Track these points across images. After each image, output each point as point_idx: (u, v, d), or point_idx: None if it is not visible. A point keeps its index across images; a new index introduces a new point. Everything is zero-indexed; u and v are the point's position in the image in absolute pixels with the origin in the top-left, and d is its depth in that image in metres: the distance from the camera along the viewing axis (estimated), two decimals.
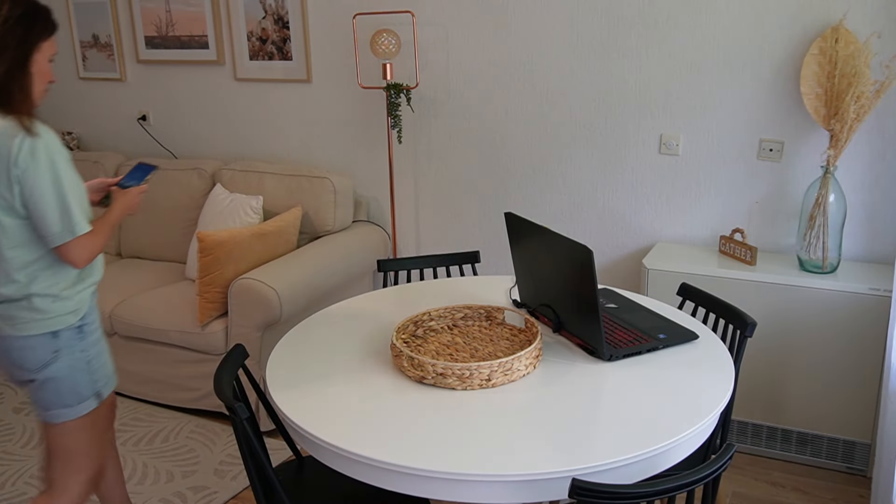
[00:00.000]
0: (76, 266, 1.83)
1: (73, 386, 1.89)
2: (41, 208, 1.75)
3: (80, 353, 1.90)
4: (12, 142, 1.72)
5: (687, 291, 2.26)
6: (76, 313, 1.89)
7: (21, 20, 1.75)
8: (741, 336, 1.99)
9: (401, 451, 1.48)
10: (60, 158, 1.77)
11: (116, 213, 1.95)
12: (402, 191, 3.61)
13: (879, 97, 2.51)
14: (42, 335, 1.84)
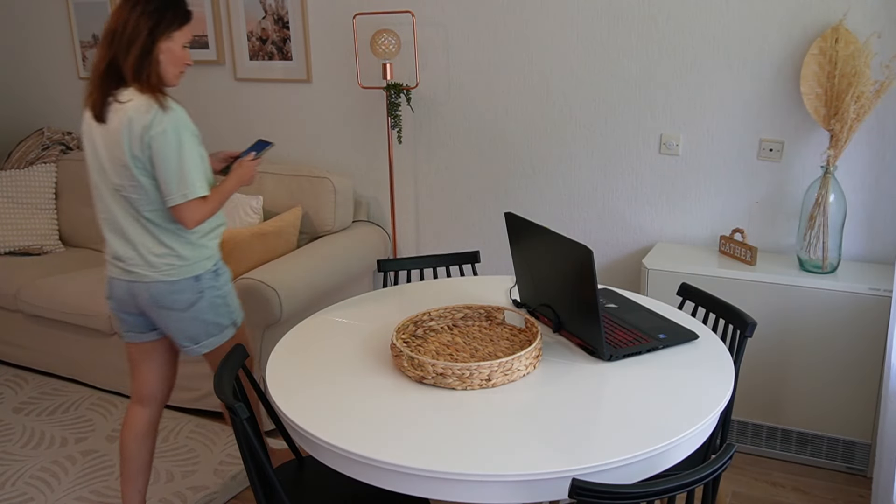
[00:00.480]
0: (186, 226, 2.09)
1: (216, 319, 2.23)
2: (163, 172, 2.03)
3: (217, 292, 2.22)
4: (148, 114, 2.01)
5: (687, 291, 2.26)
6: (211, 258, 2.21)
7: (153, 13, 2.06)
8: (741, 336, 1.99)
9: (401, 451, 1.48)
10: (185, 131, 2.04)
11: (231, 183, 2.20)
12: (402, 191, 3.61)
13: (879, 97, 2.51)
14: (187, 279, 2.16)
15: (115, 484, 2.73)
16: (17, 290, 3.49)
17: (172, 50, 2.10)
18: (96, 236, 3.98)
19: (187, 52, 2.14)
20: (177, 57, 2.12)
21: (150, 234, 2.12)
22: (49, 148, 4.12)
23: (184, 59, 2.14)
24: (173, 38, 2.10)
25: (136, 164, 2.04)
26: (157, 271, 2.14)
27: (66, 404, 3.31)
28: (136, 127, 2.01)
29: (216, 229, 2.24)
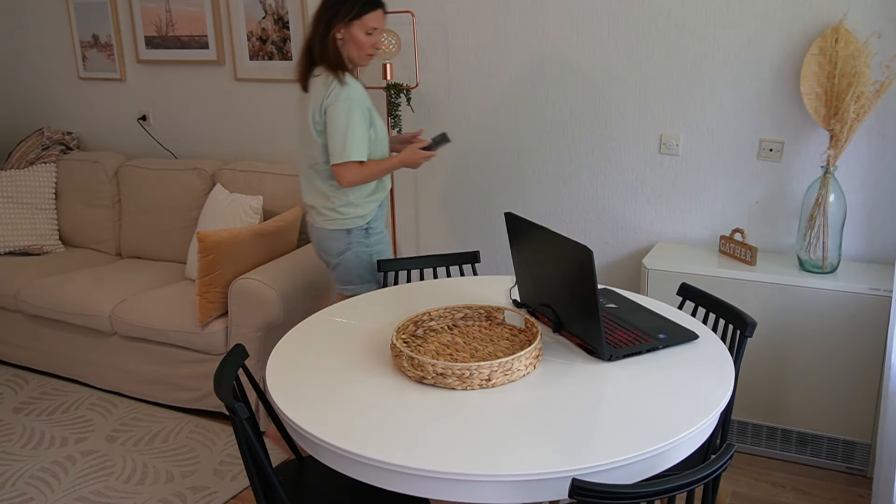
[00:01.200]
0: (341, 184, 2.47)
1: (359, 271, 2.61)
2: (331, 136, 2.43)
3: (365, 248, 2.59)
4: (327, 87, 2.43)
5: (687, 291, 2.26)
6: (364, 218, 2.57)
7: (332, 5, 2.41)
8: (741, 336, 1.99)
9: (401, 451, 1.48)
10: (356, 105, 2.41)
11: (395, 161, 2.52)
12: (403, 191, 3.61)
13: (879, 97, 2.51)
14: (339, 230, 2.57)
15: (115, 484, 2.73)
16: (17, 290, 3.49)
17: (353, 35, 2.43)
18: (96, 236, 3.99)
19: (371, 38, 2.45)
20: (358, 42, 2.44)
21: (322, 186, 2.54)
22: (49, 148, 4.12)
23: (365, 45, 2.45)
24: (352, 27, 2.42)
25: (315, 126, 2.47)
26: (322, 219, 2.58)
27: (66, 404, 3.32)
28: (318, 96, 2.45)
29: (375, 195, 2.58)
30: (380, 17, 2.46)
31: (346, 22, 2.42)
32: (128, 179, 3.88)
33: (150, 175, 3.82)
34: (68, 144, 4.21)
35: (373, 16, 2.43)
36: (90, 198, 3.97)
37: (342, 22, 2.41)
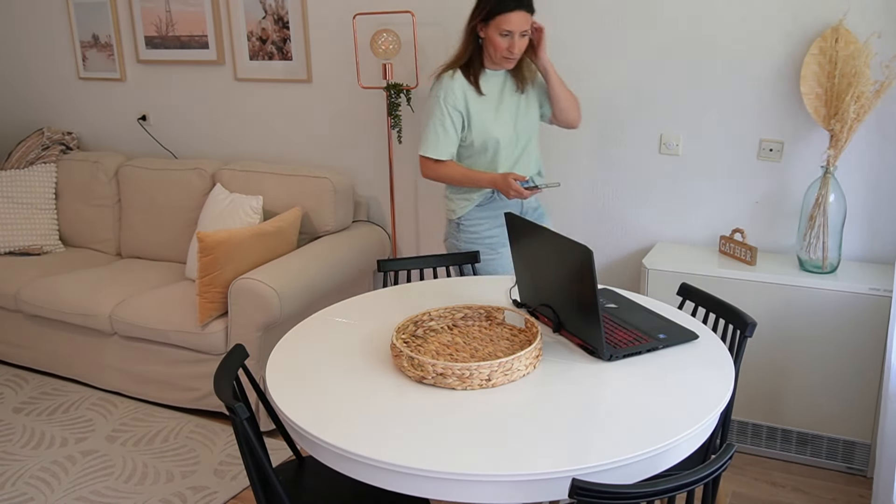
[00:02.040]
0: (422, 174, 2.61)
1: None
2: (422, 124, 2.58)
3: (454, 242, 2.71)
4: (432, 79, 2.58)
5: (687, 291, 2.26)
6: (454, 213, 2.67)
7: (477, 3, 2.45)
8: (741, 336, 1.99)
9: (401, 451, 1.48)
10: (442, 102, 2.49)
11: (485, 179, 2.55)
12: (402, 191, 3.61)
13: (879, 97, 2.51)
14: (448, 219, 2.74)
15: (115, 484, 2.73)
16: (17, 290, 3.49)
17: (489, 36, 2.44)
18: (96, 236, 3.99)
19: (505, 40, 2.41)
20: (493, 43, 2.43)
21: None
22: (49, 148, 4.12)
23: (499, 46, 2.43)
24: (489, 26, 2.42)
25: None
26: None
27: (66, 404, 3.32)
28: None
29: (466, 194, 2.63)
30: (512, 19, 2.37)
31: (480, 20, 2.42)
32: (128, 179, 3.88)
33: (150, 175, 3.82)
34: (68, 144, 4.21)
35: (505, 18, 2.37)
36: (90, 198, 3.97)
37: (477, 19, 2.43)
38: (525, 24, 2.40)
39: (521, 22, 2.38)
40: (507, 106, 2.57)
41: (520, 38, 2.42)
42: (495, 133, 2.53)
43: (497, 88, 2.56)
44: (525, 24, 2.40)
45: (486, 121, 2.53)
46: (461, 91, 2.50)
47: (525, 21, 2.40)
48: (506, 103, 2.56)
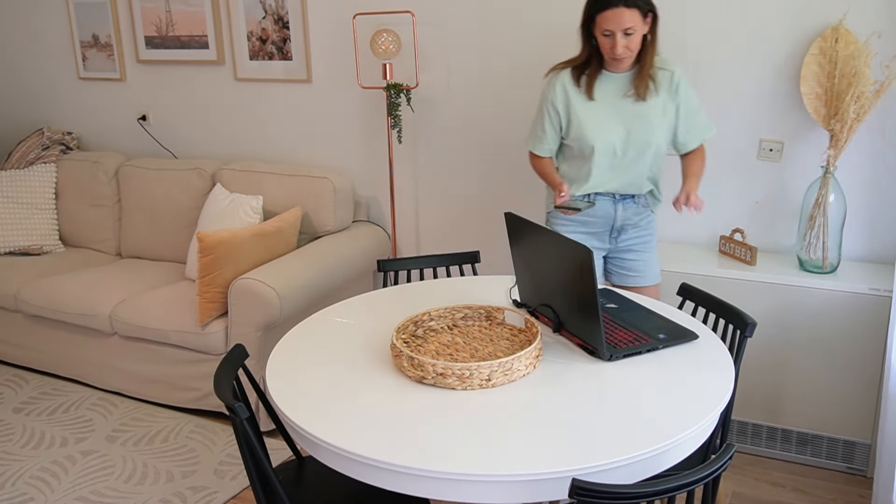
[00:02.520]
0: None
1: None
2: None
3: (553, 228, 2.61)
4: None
5: (687, 291, 2.26)
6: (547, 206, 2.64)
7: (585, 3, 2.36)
8: (741, 336, 1.99)
9: (401, 451, 1.48)
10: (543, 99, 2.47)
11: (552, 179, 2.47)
12: (402, 191, 3.61)
13: (879, 97, 2.51)
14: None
15: (115, 484, 2.73)
16: (17, 290, 3.49)
17: (597, 36, 2.33)
18: (96, 236, 3.99)
19: (608, 40, 2.28)
20: (600, 43, 2.33)
21: None
22: (49, 148, 4.12)
23: (604, 46, 2.31)
24: (594, 26, 2.32)
25: None
26: None
27: (66, 404, 3.31)
28: None
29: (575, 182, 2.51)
30: (610, 17, 2.24)
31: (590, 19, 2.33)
32: (128, 179, 3.88)
33: (150, 175, 3.82)
34: (68, 144, 4.21)
35: (602, 16, 2.25)
36: (90, 198, 3.97)
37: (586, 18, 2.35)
38: (628, 22, 2.22)
39: (620, 20, 2.22)
40: (620, 113, 2.38)
41: (623, 37, 2.25)
42: (591, 139, 2.39)
43: (613, 93, 2.39)
44: (628, 22, 2.22)
45: (585, 125, 2.39)
46: (563, 91, 2.42)
47: (627, 18, 2.22)
48: (618, 110, 2.39)
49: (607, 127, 2.39)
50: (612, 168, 2.43)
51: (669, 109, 2.39)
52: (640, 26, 2.27)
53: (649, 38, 2.34)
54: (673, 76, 2.38)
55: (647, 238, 2.57)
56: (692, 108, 2.43)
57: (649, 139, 2.38)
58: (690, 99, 2.42)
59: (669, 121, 2.40)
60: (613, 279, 2.63)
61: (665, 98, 2.38)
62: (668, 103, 2.39)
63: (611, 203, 2.49)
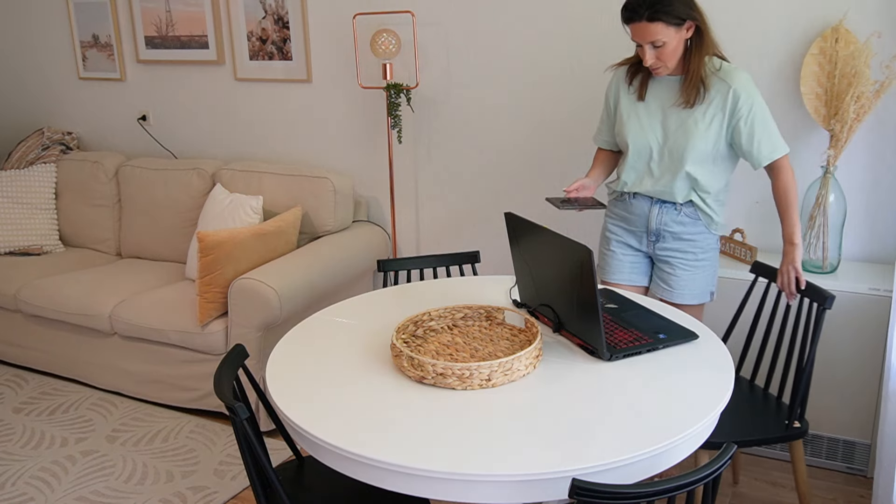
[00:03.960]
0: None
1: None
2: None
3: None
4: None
5: (760, 268, 2.38)
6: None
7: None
8: (819, 309, 2.11)
9: (401, 451, 1.48)
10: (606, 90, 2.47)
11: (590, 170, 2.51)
12: (402, 191, 3.61)
13: (879, 97, 2.51)
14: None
15: (115, 484, 2.73)
16: (17, 290, 3.49)
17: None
18: (96, 236, 3.99)
19: (639, 49, 2.23)
20: (637, 50, 2.26)
21: None
22: (49, 148, 4.12)
23: (640, 55, 2.24)
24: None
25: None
26: None
27: (66, 404, 3.31)
28: None
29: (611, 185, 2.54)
30: (636, 30, 2.18)
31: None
32: (128, 179, 3.88)
33: (150, 175, 3.82)
34: (68, 144, 4.21)
35: (630, 29, 2.20)
36: (90, 198, 3.97)
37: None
38: (653, 35, 2.15)
39: (644, 33, 2.16)
40: (665, 117, 2.32)
41: (652, 48, 2.19)
42: (628, 138, 2.37)
43: (662, 97, 2.33)
44: (653, 35, 2.15)
45: (627, 124, 2.37)
46: (616, 87, 2.42)
47: (652, 31, 2.15)
48: (664, 114, 2.33)
49: (646, 129, 2.35)
50: (648, 171, 2.38)
51: (718, 121, 2.26)
52: (673, 37, 2.17)
53: (693, 44, 2.23)
54: (731, 90, 2.23)
55: (690, 256, 2.40)
56: (754, 123, 2.25)
57: (687, 147, 2.28)
58: (753, 114, 2.24)
59: (716, 133, 2.27)
60: (651, 288, 2.53)
61: (716, 109, 2.25)
62: (717, 115, 2.25)
63: (647, 204, 2.42)
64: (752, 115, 2.25)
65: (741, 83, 2.23)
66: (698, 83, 2.24)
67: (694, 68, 2.23)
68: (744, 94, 2.23)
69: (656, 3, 2.12)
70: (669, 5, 2.13)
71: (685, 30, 2.19)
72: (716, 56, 2.29)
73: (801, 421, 2.16)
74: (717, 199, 2.39)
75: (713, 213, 2.39)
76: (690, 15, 2.17)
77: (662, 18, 2.14)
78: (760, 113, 2.25)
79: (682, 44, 2.21)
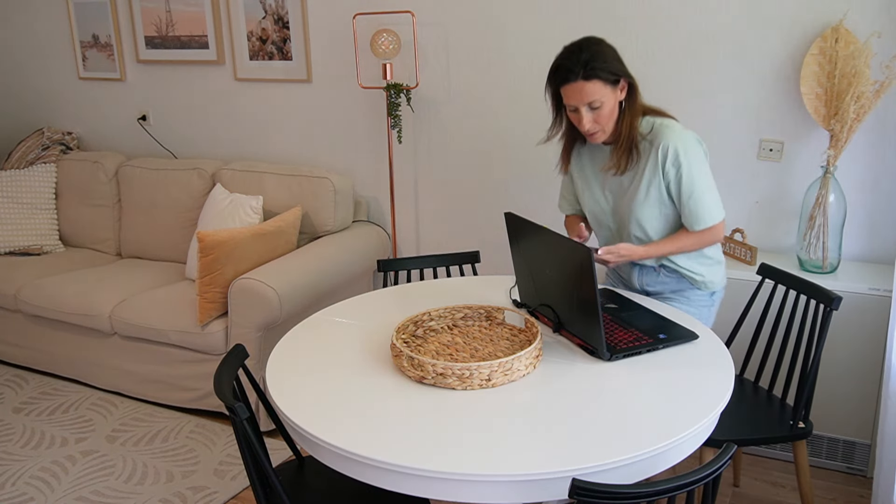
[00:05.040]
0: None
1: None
2: None
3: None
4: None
5: (767, 270, 2.36)
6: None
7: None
8: (826, 310, 2.10)
9: (401, 451, 1.48)
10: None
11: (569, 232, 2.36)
12: (402, 191, 3.61)
13: (879, 97, 2.51)
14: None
15: (115, 484, 2.73)
16: (17, 290, 3.49)
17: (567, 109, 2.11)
18: (96, 236, 3.99)
19: (574, 115, 2.07)
20: (570, 116, 2.11)
21: None
22: (49, 148, 4.12)
23: (574, 121, 2.10)
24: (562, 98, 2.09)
25: None
26: None
27: (66, 404, 3.31)
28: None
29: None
30: (570, 92, 2.02)
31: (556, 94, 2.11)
32: (128, 179, 3.88)
33: (150, 175, 3.82)
34: (68, 144, 4.21)
35: (564, 91, 2.04)
36: (90, 198, 3.97)
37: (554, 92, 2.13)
38: (591, 95, 2.00)
39: (581, 94, 2.00)
40: (606, 183, 2.22)
41: (589, 111, 2.03)
42: (584, 205, 2.31)
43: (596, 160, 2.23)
44: (591, 95, 2.00)
45: (581, 190, 2.29)
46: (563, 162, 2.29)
47: (589, 91, 1.99)
48: (603, 180, 2.22)
49: (595, 195, 2.25)
50: (611, 236, 2.29)
51: (656, 185, 2.10)
52: (610, 97, 2.02)
53: (625, 106, 2.07)
54: (660, 150, 2.06)
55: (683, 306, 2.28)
56: (687, 188, 2.07)
57: (634, 215, 2.16)
58: (681, 177, 2.06)
59: (656, 197, 2.11)
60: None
61: (650, 172, 2.09)
62: (653, 178, 2.09)
63: (627, 266, 2.33)
64: (680, 177, 2.06)
65: (673, 142, 2.05)
66: (630, 147, 2.09)
67: (625, 132, 2.08)
68: (671, 154, 2.05)
69: (591, 60, 1.98)
70: (605, 61, 1.99)
71: (619, 89, 2.05)
72: (649, 114, 2.13)
73: (805, 422, 2.16)
74: (697, 259, 2.22)
75: (695, 273, 2.22)
76: (624, 71, 2.04)
77: (599, 76, 1.99)
78: (690, 176, 2.05)
79: (616, 106, 2.06)
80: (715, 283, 2.26)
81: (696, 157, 2.06)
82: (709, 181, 2.09)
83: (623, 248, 2.07)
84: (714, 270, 2.26)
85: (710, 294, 2.29)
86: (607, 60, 2.00)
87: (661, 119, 2.12)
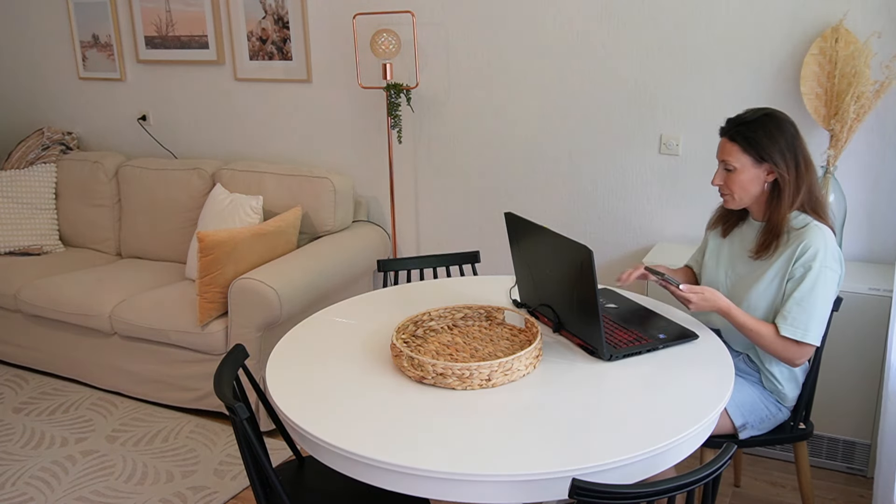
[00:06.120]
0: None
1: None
2: None
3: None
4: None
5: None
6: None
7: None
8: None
9: (401, 451, 1.48)
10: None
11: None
12: (402, 191, 3.61)
13: (879, 97, 2.51)
14: None
15: (115, 484, 2.73)
16: (17, 290, 3.49)
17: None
18: (96, 236, 3.99)
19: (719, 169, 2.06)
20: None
21: None
22: (49, 148, 4.12)
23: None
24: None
25: None
26: None
27: (66, 404, 3.31)
28: None
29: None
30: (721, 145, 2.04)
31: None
32: (128, 179, 3.88)
33: (150, 175, 3.82)
34: (68, 144, 4.21)
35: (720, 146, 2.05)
36: (90, 198, 3.97)
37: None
38: (726, 154, 2.00)
39: (722, 149, 2.03)
40: (735, 264, 2.14)
41: (723, 170, 2.02)
42: (703, 271, 2.25)
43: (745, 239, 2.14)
44: (726, 154, 2.00)
45: (707, 258, 2.25)
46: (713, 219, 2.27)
47: (726, 150, 2.01)
48: (736, 260, 2.15)
49: (720, 267, 2.19)
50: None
51: (779, 279, 2.00)
52: (747, 168, 1.98)
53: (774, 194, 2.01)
54: (800, 247, 1.96)
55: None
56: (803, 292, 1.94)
57: (749, 300, 2.05)
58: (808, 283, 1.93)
59: (775, 290, 2.01)
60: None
61: (781, 265, 2.00)
62: (780, 272, 2.00)
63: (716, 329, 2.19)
64: (803, 279, 1.94)
65: (815, 243, 1.94)
66: (772, 236, 2.01)
67: (773, 218, 2.01)
68: (808, 255, 1.94)
69: (742, 125, 2.00)
70: (753, 133, 1.98)
71: (763, 171, 1.99)
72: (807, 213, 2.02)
73: (805, 423, 2.16)
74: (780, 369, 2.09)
75: (774, 379, 2.09)
76: (773, 159, 1.96)
77: (740, 142, 1.98)
78: (814, 283, 1.93)
79: (756, 183, 2.00)
80: (785, 398, 2.11)
81: (829, 272, 1.95)
82: (827, 303, 1.96)
83: (709, 291, 1.97)
84: (793, 388, 2.11)
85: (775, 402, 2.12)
86: (757, 133, 1.98)
87: (819, 223, 1.99)
